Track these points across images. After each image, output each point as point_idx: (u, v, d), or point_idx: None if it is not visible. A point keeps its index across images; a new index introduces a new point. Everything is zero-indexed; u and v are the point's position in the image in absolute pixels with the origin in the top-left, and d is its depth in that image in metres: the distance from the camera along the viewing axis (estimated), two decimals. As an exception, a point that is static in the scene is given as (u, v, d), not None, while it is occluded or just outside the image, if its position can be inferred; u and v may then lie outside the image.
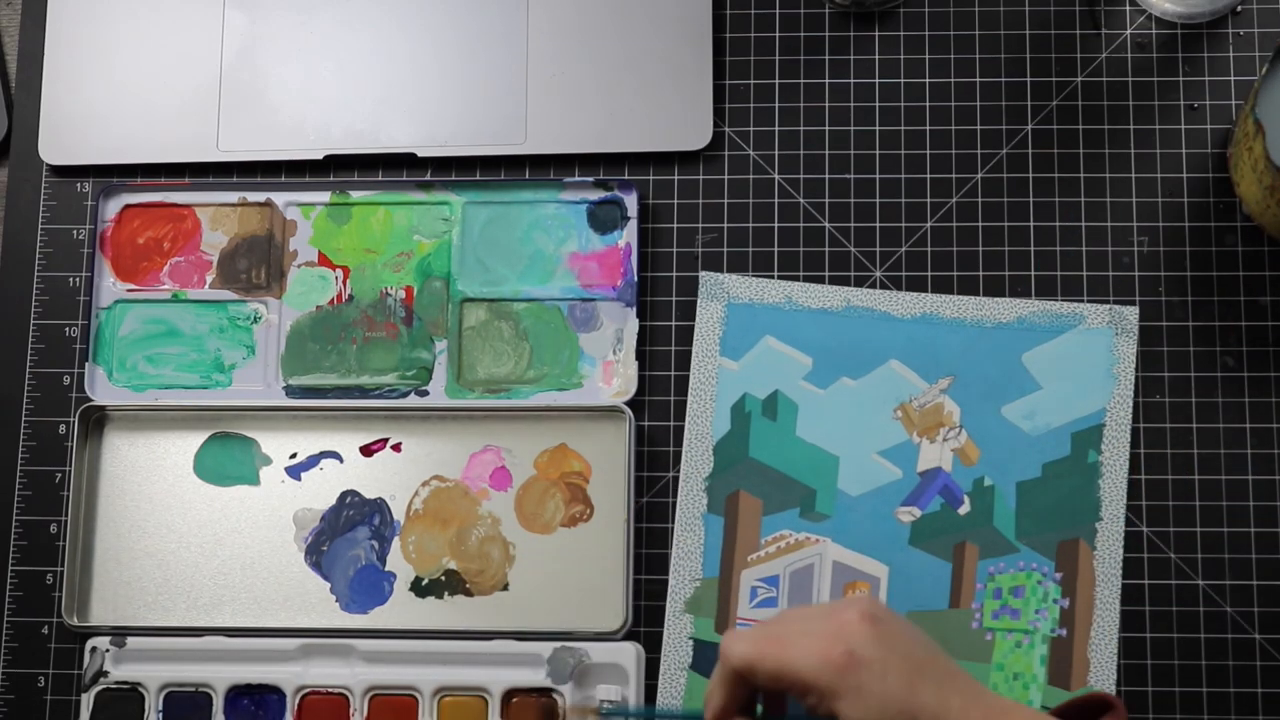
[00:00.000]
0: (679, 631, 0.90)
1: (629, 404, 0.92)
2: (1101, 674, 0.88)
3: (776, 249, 0.94)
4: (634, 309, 0.93)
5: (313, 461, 0.94)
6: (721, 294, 0.93)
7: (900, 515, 0.90)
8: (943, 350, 0.92)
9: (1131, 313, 0.91)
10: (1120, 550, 0.89)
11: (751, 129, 0.96)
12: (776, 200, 0.95)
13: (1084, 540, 0.89)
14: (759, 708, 0.75)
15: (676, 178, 0.95)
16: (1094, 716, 0.74)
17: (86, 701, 0.91)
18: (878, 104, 0.95)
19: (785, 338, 0.92)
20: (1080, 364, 0.91)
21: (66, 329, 0.96)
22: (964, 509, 0.90)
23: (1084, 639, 0.88)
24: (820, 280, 0.93)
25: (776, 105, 0.96)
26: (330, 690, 0.90)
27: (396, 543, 0.93)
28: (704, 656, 0.90)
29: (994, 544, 0.90)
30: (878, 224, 0.94)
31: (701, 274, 0.93)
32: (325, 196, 0.96)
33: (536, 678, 0.89)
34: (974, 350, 0.92)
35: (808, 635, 0.71)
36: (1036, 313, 0.92)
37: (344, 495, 0.94)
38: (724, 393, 0.92)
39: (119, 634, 0.92)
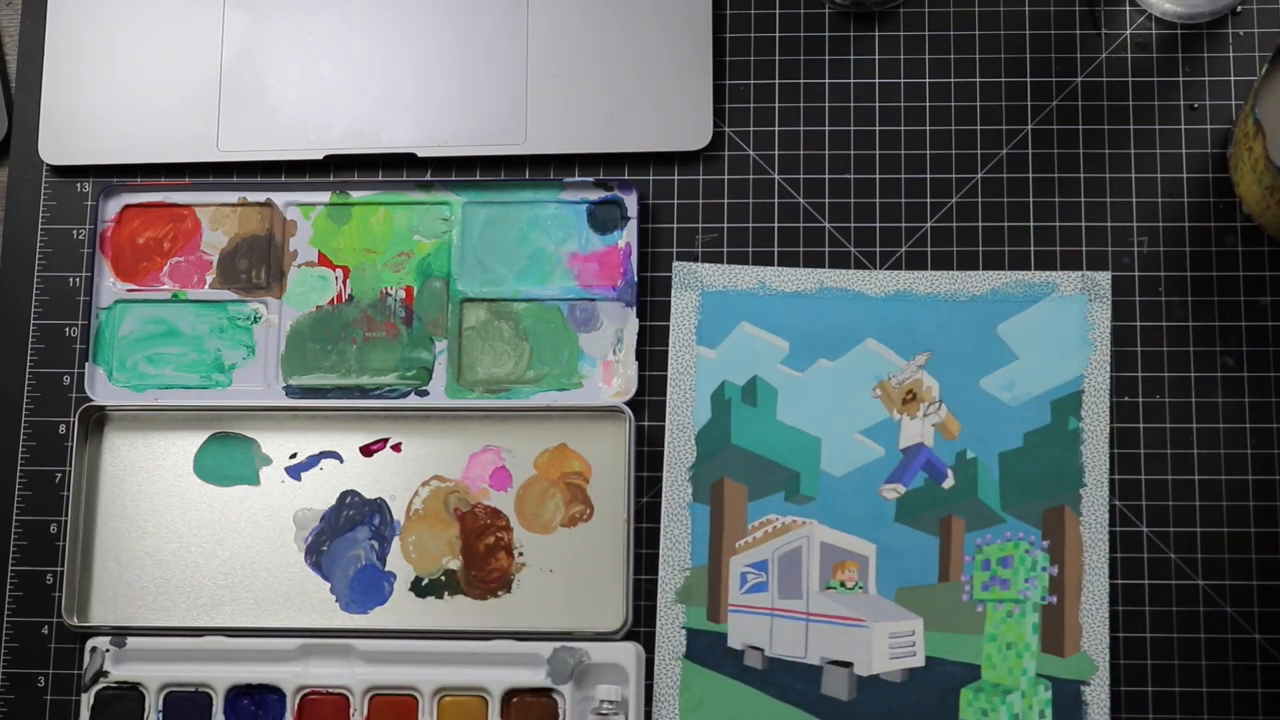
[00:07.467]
0: (671, 622, 0.90)
1: (629, 404, 0.92)
2: (1095, 639, 0.88)
3: (776, 249, 0.94)
4: (634, 309, 0.93)
5: (313, 461, 0.94)
6: (695, 283, 0.93)
7: (885, 493, 0.90)
8: (918, 326, 0.92)
9: (1104, 278, 0.91)
10: (1106, 514, 0.89)
11: (751, 129, 0.96)
12: (776, 200, 0.95)
13: (1069, 507, 0.89)
14: None
15: (676, 178, 0.95)
16: None
17: (86, 701, 0.91)
18: (878, 104, 0.95)
19: (761, 323, 0.92)
20: (1055, 332, 0.91)
21: (66, 329, 0.96)
22: (948, 483, 0.90)
23: (1074, 605, 0.88)
24: (820, 280, 0.94)
25: (776, 105, 0.96)
26: (330, 690, 0.90)
27: (396, 543, 0.93)
28: (697, 645, 0.90)
29: (980, 516, 0.90)
30: (878, 224, 0.94)
31: (675, 264, 0.93)
32: (325, 196, 0.96)
33: (536, 678, 0.89)
34: (949, 324, 0.92)
35: None
36: (1009, 284, 0.92)
37: (344, 495, 0.94)
38: (703, 381, 0.92)
39: (119, 634, 0.92)
